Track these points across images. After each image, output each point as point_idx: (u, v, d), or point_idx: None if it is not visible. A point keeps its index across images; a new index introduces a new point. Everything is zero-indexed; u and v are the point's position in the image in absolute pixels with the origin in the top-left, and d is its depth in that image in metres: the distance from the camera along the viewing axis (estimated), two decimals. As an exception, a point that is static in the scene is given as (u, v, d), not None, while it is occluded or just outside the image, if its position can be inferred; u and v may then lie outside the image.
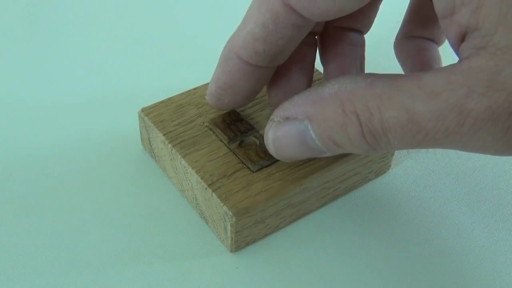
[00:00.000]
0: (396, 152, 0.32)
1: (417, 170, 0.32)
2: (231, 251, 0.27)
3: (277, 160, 0.28)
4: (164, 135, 0.29)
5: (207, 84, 0.32)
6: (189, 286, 0.26)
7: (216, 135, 0.29)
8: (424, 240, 0.29)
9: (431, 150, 0.33)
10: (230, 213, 0.26)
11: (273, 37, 0.23)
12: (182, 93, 0.32)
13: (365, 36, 0.28)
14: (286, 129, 0.24)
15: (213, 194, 0.27)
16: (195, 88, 0.32)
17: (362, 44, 0.28)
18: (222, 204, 0.26)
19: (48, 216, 0.29)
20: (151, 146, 0.31)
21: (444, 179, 0.32)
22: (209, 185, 0.27)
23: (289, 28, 0.23)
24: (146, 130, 0.31)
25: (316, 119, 0.23)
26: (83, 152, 0.32)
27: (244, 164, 0.28)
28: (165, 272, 0.27)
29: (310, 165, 0.28)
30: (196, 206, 0.29)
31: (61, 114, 0.34)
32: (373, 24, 0.28)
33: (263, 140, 0.29)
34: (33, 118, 0.34)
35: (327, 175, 0.28)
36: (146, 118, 0.30)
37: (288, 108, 0.24)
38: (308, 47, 0.27)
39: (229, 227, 0.26)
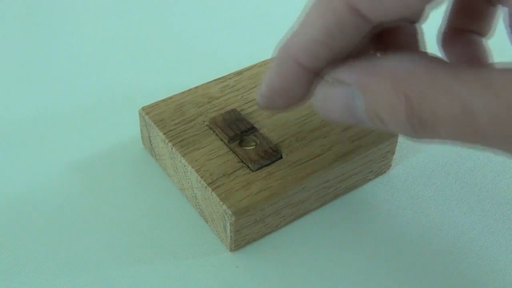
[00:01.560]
0: (396, 152, 0.32)
1: (417, 170, 0.32)
2: (230, 250, 0.28)
3: (277, 160, 0.28)
4: (164, 133, 0.29)
5: (208, 83, 0.32)
6: (188, 285, 0.26)
7: (216, 134, 0.29)
8: (424, 240, 0.29)
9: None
10: (230, 212, 0.26)
11: (336, 41, 0.23)
12: (183, 92, 0.32)
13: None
14: (335, 91, 0.23)
15: (213, 193, 0.27)
16: (195, 87, 0.32)
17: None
18: (221, 203, 0.26)
19: (48, 216, 0.29)
20: (151, 145, 0.31)
21: (444, 179, 0.32)
22: (209, 184, 0.27)
23: (353, 31, 0.22)
24: (147, 129, 0.31)
25: (366, 89, 0.22)
26: (84, 151, 0.32)
27: (244, 163, 0.28)
28: (164, 271, 0.27)
29: (310, 164, 0.28)
30: (196, 205, 0.29)
31: (61, 114, 0.34)
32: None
33: (263, 139, 0.29)
34: (33, 117, 0.34)
35: (327, 174, 0.28)
36: (146, 116, 0.30)
37: (342, 71, 0.23)
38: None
39: (228, 226, 0.26)
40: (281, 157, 0.28)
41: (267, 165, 0.28)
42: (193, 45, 0.40)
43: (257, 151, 0.28)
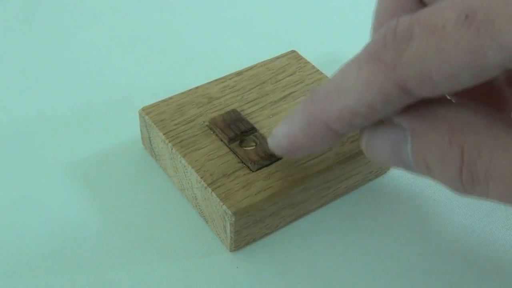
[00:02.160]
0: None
1: (417, 170, 0.32)
2: (230, 251, 0.28)
3: (277, 160, 0.28)
4: (164, 134, 0.29)
5: (208, 83, 0.32)
6: (188, 285, 0.26)
7: (216, 135, 0.29)
8: (424, 240, 0.29)
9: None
10: (230, 212, 0.26)
11: (377, 115, 0.22)
12: (183, 92, 0.32)
13: None
14: (385, 131, 0.22)
15: (213, 193, 0.27)
16: (195, 87, 0.32)
17: None
18: (221, 204, 0.26)
19: (48, 216, 0.29)
20: (151, 145, 0.31)
21: (444, 179, 0.32)
22: (209, 184, 0.27)
23: (397, 105, 0.21)
24: (147, 129, 0.31)
25: (418, 135, 0.21)
26: (84, 151, 0.32)
27: (244, 164, 0.28)
28: (164, 271, 0.27)
29: (310, 165, 0.28)
30: (196, 205, 0.29)
31: (61, 114, 0.34)
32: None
33: (263, 139, 0.29)
34: (33, 117, 0.34)
35: (327, 175, 0.28)
36: (146, 117, 0.30)
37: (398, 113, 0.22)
38: None
39: (228, 227, 0.26)
40: (281, 158, 0.28)
41: (267, 166, 0.28)
42: (193, 45, 0.40)
43: (257, 151, 0.28)
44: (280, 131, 0.26)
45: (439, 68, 0.19)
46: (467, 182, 0.20)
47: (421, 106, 0.21)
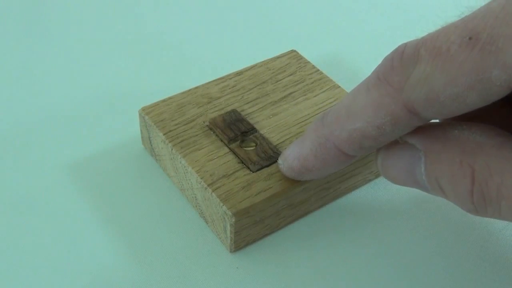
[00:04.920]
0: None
1: (417, 170, 0.32)
2: (230, 251, 0.28)
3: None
4: (164, 134, 0.29)
5: (208, 83, 0.32)
6: (188, 286, 0.26)
7: (217, 135, 0.29)
8: (424, 240, 0.29)
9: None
10: (230, 213, 0.26)
11: (387, 137, 0.22)
12: (183, 92, 0.32)
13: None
14: (400, 151, 0.23)
15: (213, 194, 0.27)
16: (195, 87, 0.32)
17: None
18: (221, 204, 0.26)
19: (48, 215, 0.29)
20: (151, 145, 0.31)
21: (444, 179, 0.32)
22: (209, 185, 0.27)
23: (406, 127, 0.21)
24: (147, 129, 0.31)
25: (431, 155, 0.21)
26: (84, 151, 0.32)
27: (244, 164, 0.28)
28: (164, 272, 0.27)
29: (310, 165, 0.28)
30: (196, 206, 0.29)
31: (61, 114, 0.34)
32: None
33: (263, 140, 0.29)
34: (32, 117, 0.34)
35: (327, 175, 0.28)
36: (146, 117, 0.30)
37: (412, 134, 0.22)
38: None
39: (228, 227, 0.26)
40: (281, 158, 0.28)
41: (267, 166, 0.28)
42: (193, 45, 0.40)
43: (257, 152, 0.28)
44: (291, 153, 0.26)
45: (445, 89, 0.19)
46: (479, 202, 0.20)
47: (436, 127, 0.22)
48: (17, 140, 0.33)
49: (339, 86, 0.32)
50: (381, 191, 0.31)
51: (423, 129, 0.22)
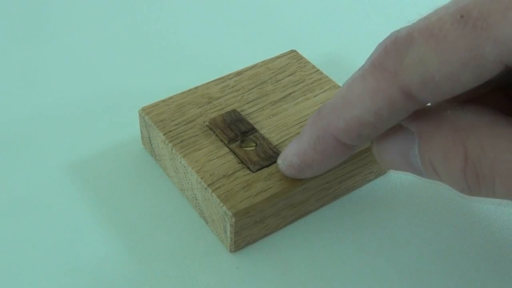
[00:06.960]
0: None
1: (417, 170, 0.32)
2: (230, 251, 0.28)
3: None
4: (164, 134, 0.29)
5: (208, 83, 0.32)
6: (188, 286, 0.26)
7: (217, 135, 0.29)
8: (424, 240, 0.29)
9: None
10: (230, 213, 0.26)
11: (384, 123, 0.22)
12: (183, 92, 0.32)
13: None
14: (394, 136, 0.23)
15: (213, 194, 0.27)
16: (195, 87, 0.32)
17: None
18: (221, 204, 0.26)
19: (47, 216, 0.29)
20: (151, 145, 0.31)
21: (444, 179, 0.32)
22: (209, 185, 0.27)
23: (403, 112, 0.21)
24: (147, 129, 0.31)
25: (424, 137, 0.21)
26: (83, 151, 0.32)
27: (244, 164, 0.28)
28: (164, 272, 0.27)
29: (310, 165, 0.28)
30: (196, 206, 0.29)
31: (61, 114, 0.34)
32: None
33: (263, 140, 0.29)
34: (32, 117, 0.34)
35: (327, 175, 0.28)
36: (146, 117, 0.30)
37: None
38: None
39: (228, 227, 0.26)
40: (281, 158, 0.28)
41: (267, 166, 0.28)
42: (193, 45, 0.40)
43: (257, 152, 0.28)
44: (290, 150, 0.26)
45: (439, 69, 0.19)
46: (472, 181, 0.20)
47: (429, 110, 0.22)
48: (17, 140, 0.33)
49: (339, 86, 0.32)
50: (381, 191, 0.31)
51: (417, 112, 0.22)
